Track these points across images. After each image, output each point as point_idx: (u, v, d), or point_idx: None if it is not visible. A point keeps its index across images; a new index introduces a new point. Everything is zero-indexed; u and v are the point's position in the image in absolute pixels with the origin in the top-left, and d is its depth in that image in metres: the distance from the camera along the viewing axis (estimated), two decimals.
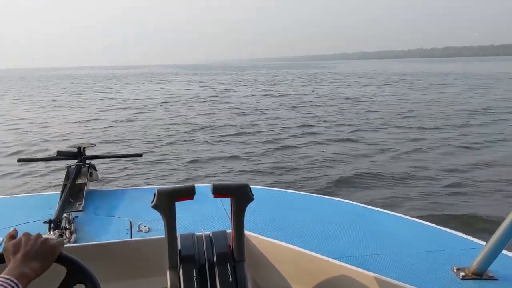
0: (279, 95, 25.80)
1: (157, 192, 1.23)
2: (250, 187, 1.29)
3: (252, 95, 26.35)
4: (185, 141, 11.54)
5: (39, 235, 1.08)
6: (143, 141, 11.49)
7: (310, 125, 13.73)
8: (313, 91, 29.00)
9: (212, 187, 1.26)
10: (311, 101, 21.60)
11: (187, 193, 1.24)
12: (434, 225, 1.94)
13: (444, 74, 52.35)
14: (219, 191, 1.27)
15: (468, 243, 1.73)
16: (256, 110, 18.29)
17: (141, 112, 18.24)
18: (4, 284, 0.91)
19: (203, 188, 1.70)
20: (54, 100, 25.57)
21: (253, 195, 1.29)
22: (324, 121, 14.61)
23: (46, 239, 1.08)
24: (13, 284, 0.92)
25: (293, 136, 11.86)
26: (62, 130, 13.93)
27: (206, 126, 13.84)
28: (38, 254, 1.03)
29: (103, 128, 14.16)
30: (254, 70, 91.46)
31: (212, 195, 1.27)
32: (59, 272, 1.10)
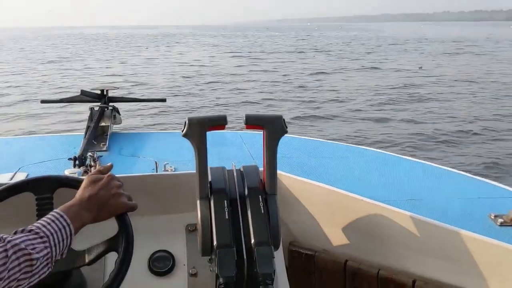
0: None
1: (188, 120, 1.17)
2: (284, 119, 1.21)
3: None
4: None
5: (119, 186, 0.99)
6: None
7: None
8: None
9: (245, 117, 1.19)
10: None
11: (219, 122, 1.18)
12: (467, 174, 1.87)
13: None
14: (252, 122, 1.20)
15: (505, 192, 1.65)
16: None
17: None
18: (56, 221, 0.84)
19: (230, 133, 1.60)
20: None
21: (287, 127, 1.21)
22: None
23: (122, 194, 0.98)
24: (64, 224, 0.84)
25: None
26: None
27: None
28: (104, 203, 0.95)
29: None
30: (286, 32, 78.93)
31: (241, 138, 1.31)
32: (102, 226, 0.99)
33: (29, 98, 11.86)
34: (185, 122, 1.16)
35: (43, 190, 1.07)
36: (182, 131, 1.16)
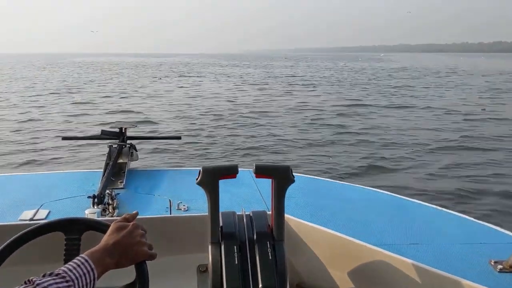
0: None
1: (202, 169, 1.26)
2: (291, 169, 1.28)
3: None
4: None
5: (142, 234, 1.01)
6: None
7: None
8: None
9: (254, 167, 1.26)
10: None
11: (231, 172, 1.26)
12: (470, 217, 1.88)
13: None
14: (261, 171, 1.27)
15: (506, 237, 1.66)
16: None
17: None
18: (81, 265, 0.87)
19: (241, 172, 1.55)
20: None
21: (294, 177, 1.27)
22: None
23: (144, 243, 1.01)
24: (89, 269, 0.87)
25: None
26: None
27: None
28: (126, 251, 0.97)
29: None
30: (309, 62, 77.06)
31: (252, 177, 1.25)
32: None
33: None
34: (199, 171, 1.26)
35: (73, 231, 1.10)
36: (197, 179, 1.26)
